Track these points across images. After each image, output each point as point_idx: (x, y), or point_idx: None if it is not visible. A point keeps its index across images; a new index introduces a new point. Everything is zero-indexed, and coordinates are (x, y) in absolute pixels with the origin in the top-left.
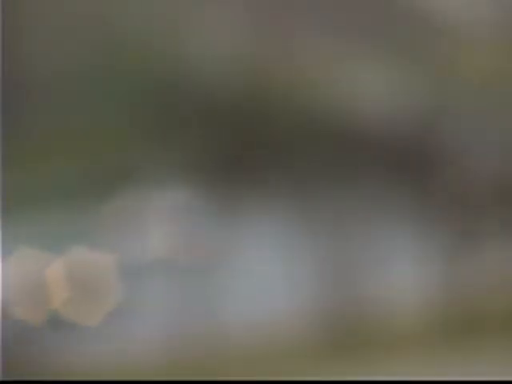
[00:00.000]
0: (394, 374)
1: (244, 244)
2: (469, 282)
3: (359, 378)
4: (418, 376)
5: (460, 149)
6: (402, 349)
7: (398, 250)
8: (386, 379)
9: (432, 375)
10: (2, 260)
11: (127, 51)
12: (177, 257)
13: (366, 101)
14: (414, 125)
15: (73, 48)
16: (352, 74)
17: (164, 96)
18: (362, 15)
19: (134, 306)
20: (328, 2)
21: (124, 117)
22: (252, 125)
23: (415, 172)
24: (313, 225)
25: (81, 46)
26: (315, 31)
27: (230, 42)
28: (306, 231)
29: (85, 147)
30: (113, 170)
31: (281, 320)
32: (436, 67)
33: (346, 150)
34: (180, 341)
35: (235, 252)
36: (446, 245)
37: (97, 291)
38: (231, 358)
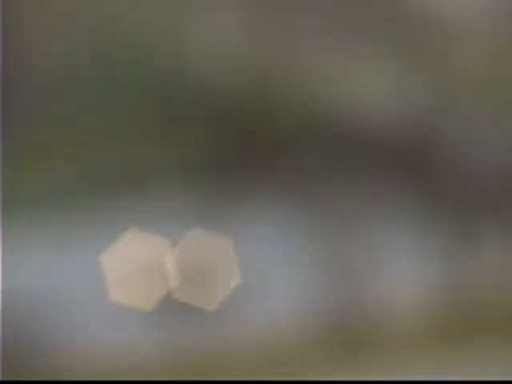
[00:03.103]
0: (393, 374)
1: (243, 244)
2: (469, 282)
3: (359, 378)
4: (417, 376)
5: (460, 149)
6: (402, 349)
7: (397, 249)
8: (386, 379)
9: (432, 375)
10: (2, 260)
11: (127, 51)
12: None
13: (366, 101)
14: (414, 125)
15: (73, 48)
16: (352, 74)
17: (164, 96)
18: (362, 15)
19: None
20: (328, 2)
21: (124, 117)
22: (252, 124)
23: (415, 172)
24: (312, 225)
25: (81, 45)
26: (315, 31)
27: (230, 41)
28: (306, 231)
29: (85, 147)
30: (113, 169)
31: (280, 320)
32: (436, 67)
33: (346, 150)
34: (177, 341)
35: (234, 252)
36: (446, 245)
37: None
38: (230, 358)
